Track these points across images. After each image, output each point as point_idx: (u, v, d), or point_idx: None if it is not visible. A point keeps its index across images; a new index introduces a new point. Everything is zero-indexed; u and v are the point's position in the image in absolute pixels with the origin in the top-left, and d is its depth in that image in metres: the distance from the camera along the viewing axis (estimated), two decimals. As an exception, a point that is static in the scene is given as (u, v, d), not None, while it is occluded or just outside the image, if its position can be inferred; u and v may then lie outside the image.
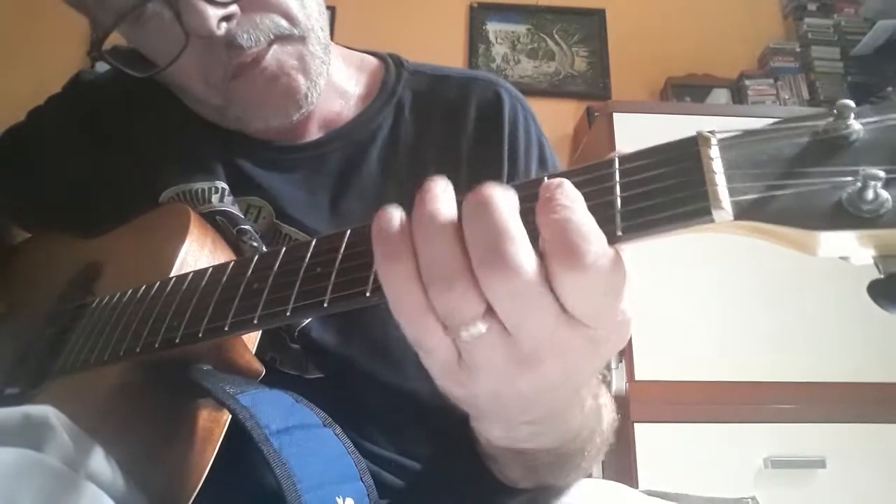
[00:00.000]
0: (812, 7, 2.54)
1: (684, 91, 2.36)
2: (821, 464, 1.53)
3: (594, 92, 2.43)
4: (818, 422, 1.58)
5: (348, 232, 0.39)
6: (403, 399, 0.61)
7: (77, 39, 2.26)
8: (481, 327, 0.31)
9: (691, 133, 0.32)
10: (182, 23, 0.56)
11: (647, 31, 2.52)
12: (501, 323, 0.31)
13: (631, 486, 0.56)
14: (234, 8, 0.57)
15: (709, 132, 0.31)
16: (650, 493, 0.57)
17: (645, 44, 2.50)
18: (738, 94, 2.39)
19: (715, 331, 1.64)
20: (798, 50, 2.47)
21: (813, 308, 1.66)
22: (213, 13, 0.56)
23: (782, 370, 1.61)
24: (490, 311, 0.31)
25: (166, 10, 0.57)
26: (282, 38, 0.60)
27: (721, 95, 2.34)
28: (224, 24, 0.57)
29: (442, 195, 0.33)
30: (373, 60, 0.77)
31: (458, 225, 0.31)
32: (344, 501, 0.42)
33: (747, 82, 2.37)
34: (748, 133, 0.30)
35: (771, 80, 2.39)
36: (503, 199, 0.31)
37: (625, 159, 0.33)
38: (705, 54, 2.46)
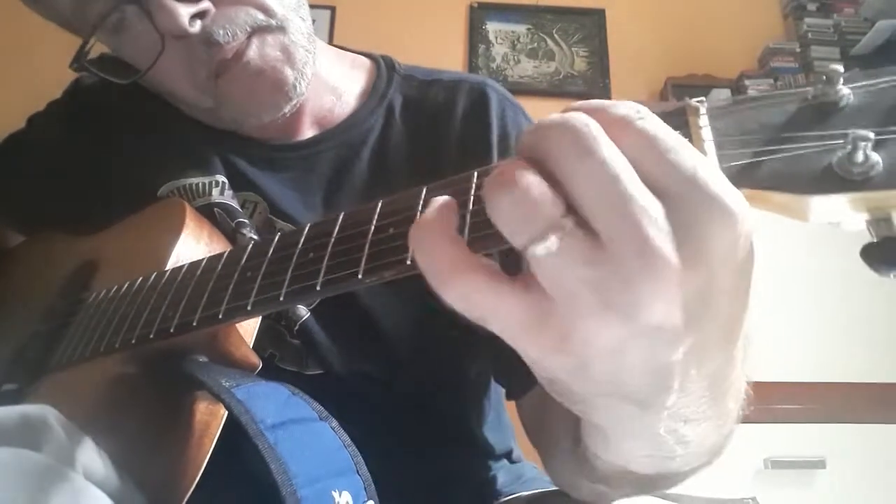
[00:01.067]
0: (812, 7, 2.54)
1: (684, 91, 2.36)
2: (821, 464, 1.52)
3: (594, 92, 2.43)
4: (818, 422, 1.58)
5: (341, 216, 0.39)
6: (402, 395, 0.61)
7: (74, 45, 2.27)
8: (554, 238, 0.24)
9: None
10: (155, 24, 0.56)
11: (647, 31, 2.52)
12: (594, 233, 0.24)
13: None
14: (205, 4, 0.57)
15: (697, 101, 0.30)
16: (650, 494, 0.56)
17: (645, 44, 2.50)
18: (739, 94, 2.38)
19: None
20: (798, 50, 2.47)
21: (813, 308, 1.66)
22: (185, 11, 0.56)
23: (782, 370, 1.61)
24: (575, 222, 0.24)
25: (139, 14, 0.57)
26: (260, 30, 0.60)
27: (721, 95, 2.34)
28: (198, 22, 0.57)
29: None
30: (365, 61, 0.77)
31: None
32: (340, 495, 0.42)
33: (747, 82, 2.37)
34: (737, 101, 0.30)
35: (771, 80, 2.38)
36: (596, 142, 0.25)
37: None
38: (705, 54, 2.46)
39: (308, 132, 0.70)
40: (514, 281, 0.25)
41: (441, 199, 0.27)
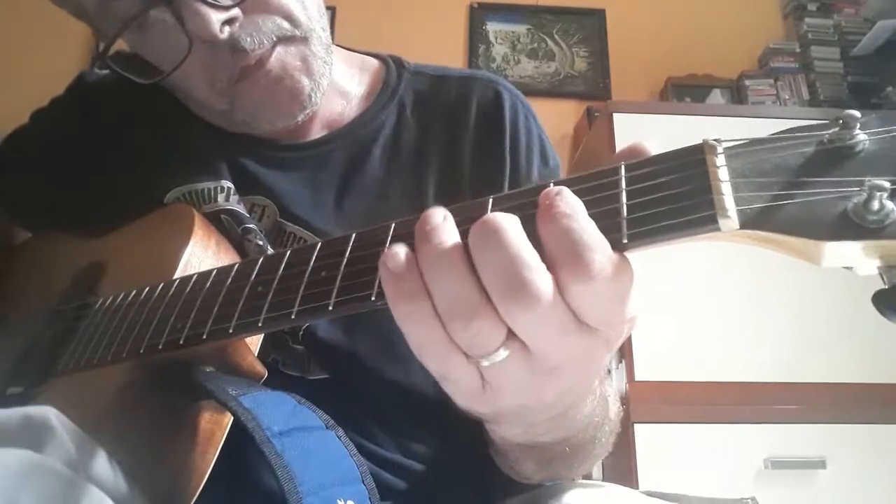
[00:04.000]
0: (812, 7, 2.54)
1: (684, 91, 2.36)
2: (821, 464, 1.53)
3: (594, 92, 2.43)
4: (818, 422, 1.58)
5: (353, 236, 0.39)
6: (407, 399, 0.61)
7: (76, 41, 2.26)
8: (503, 353, 0.32)
9: (693, 135, 0.32)
10: (185, 28, 0.56)
11: (647, 31, 2.52)
12: (523, 344, 0.32)
13: (631, 486, 0.56)
14: (235, 11, 0.57)
15: (714, 140, 0.31)
16: (650, 494, 0.57)
17: (645, 44, 2.50)
18: (739, 95, 2.39)
19: (715, 331, 1.64)
20: (798, 50, 2.47)
21: (813, 309, 1.66)
22: (216, 17, 0.56)
23: (782, 371, 1.61)
24: (511, 335, 0.32)
25: (169, 16, 0.57)
26: (284, 40, 0.61)
27: (721, 95, 2.34)
28: (227, 28, 0.57)
29: (442, 225, 0.32)
30: (374, 62, 0.77)
31: (467, 255, 0.31)
32: (346, 503, 0.42)
33: (747, 82, 2.37)
34: (754, 142, 0.31)
35: (771, 81, 2.39)
36: (511, 224, 0.31)
37: (630, 167, 0.33)
38: (705, 54, 2.46)
39: (317, 134, 0.70)
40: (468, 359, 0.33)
41: (399, 260, 0.32)
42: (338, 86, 0.71)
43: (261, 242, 0.62)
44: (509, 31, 2.53)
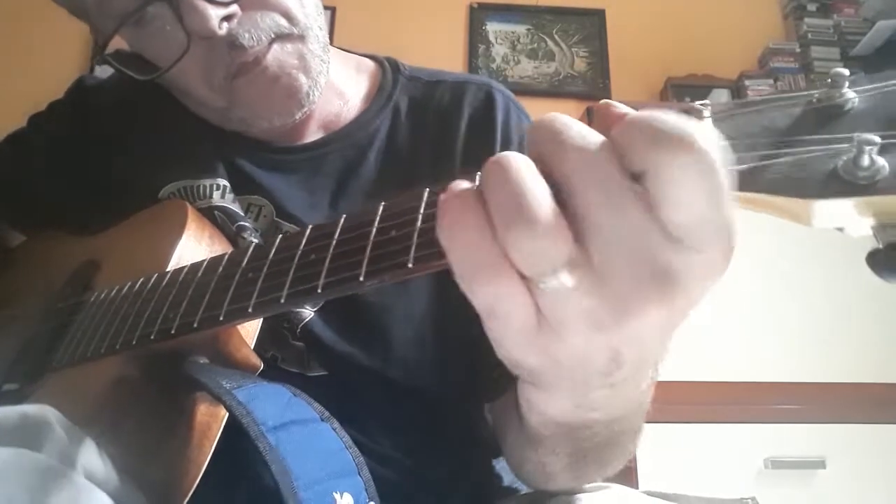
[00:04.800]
0: (812, 7, 2.54)
1: (684, 91, 2.36)
2: (821, 464, 1.53)
3: (594, 92, 2.43)
4: (818, 422, 1.58)
5: (343, 218, 0.39)
6: (406, 397, 0.61)
7: (74, 44, 2.26)
8: (567, 278, 0.26)
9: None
10: (183, 24, 0.56)
11: (647, 31, 2.52)
12: (592, 263, 0.27)
13: (631, 486, 0.56)
14: (234, 8, 0.58)
15: (701, 104, 0.30)
16: (650, 494, 0.56)
17: (645, 44, 2.50)
18: (738, 95, 2.38)
19: (715, 331, 1.64)
20: (798, 50, 2.47)
21: (813, 309, 1.66)
22: (215, 13, 0.56)
23: (782, 370, 1.61)
24: (579, 252, 0.27)
25: (167, 12, 0.57)
26: (282, 37, 0.61)
27: (721, 95, 2.34)
28: (225, 24, 0.57)
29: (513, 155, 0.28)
30: (370, 63, 0.77)
31: (535, 162, 0.28)
32: (342, 496, 0.42)
33: (747, 82, 2.37)
34: (741, 104, 0.30)
35: (771, 81, 2.38)
36: (572, 122, 0.28)
37: None
38: (705, 54, 2.46)
39: (314, 135, 0.70)
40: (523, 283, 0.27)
41: (462, 187, 0.28)
42: (335, 86, 0.71)
43: (255, 240, 0.62)
44: (509, 32, 2.53)
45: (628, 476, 1.49)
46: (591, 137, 0.27)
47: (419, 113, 0.72)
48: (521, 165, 0.27)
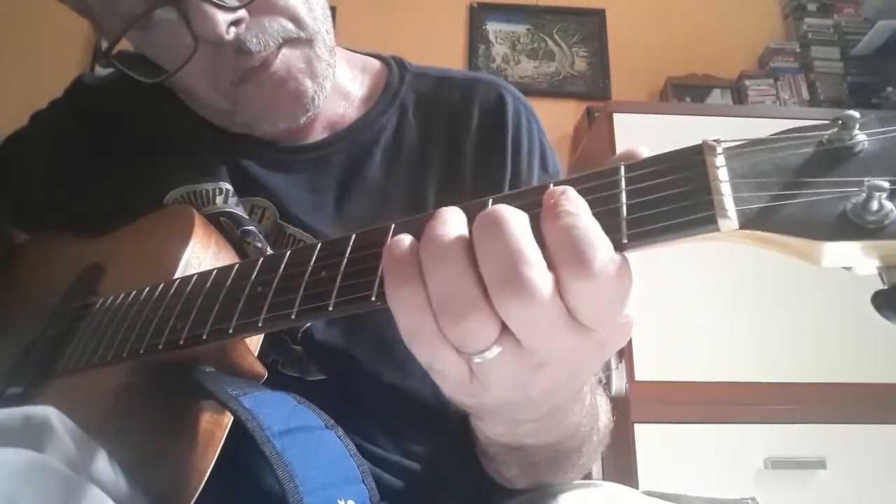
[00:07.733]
0: (812, 7, 2.54)
1: (684, 91, 2.36)
2: (821, 464, 1.53)
3: (594, 92, 2.43)
4: (818, 422, 1.58)
5: (353, 236, 0.39)
6: (406, 400, 0.61)
7: (75, 44, 2.26)
8: (496, 350, 0.31)
9: (693, 136, 0.32)
10: (191, 28, 0.56)
11: (647, 31, 2.52)
12: (515, 340, 0.32)
13: (631, 486, 0.56)
14: (242, 12, 0.57)
15: (714, 140, 0.31)
16: (650, 494, 0.57)
17: (645, 44, 2.50)
18: (738, 95, 2.39)
19: (715, 331, 1.64)
20: (798, 50, 2.47)
21: (813, 309, 1.66)
22: (223, 18, 0.56)
23: (782, 370, 1.61)
24: (504, 333, 0.31)
25: (175, 16, 0.57)
26: (290, 42, 0.61)
27: (721, 95, 2.34)
28: (233, 29, 0.57)
29: (452, 217, 0.33)
30: (376, 63, 0.77)
31: (469, 248, 0.31)
32: (346, 503, 0.42)
33: (747, 82, 2.37)
34: (753, 142, 0.30)
35: (771, 81, 2.39)
36: (515, 218, 0.31)
37: (630, 167, 0.33)
38: (705, 54, 2.46)
39: (319, 135, 0.70)
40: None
41: (402, 248, 0.32)
42: (340, 87, 0.71)
43: (260, 244, 0.62)
44: (509, 31, 2.53)
45: (628, 476, 1.50)
46: (512, 241, 0.30)
47: (427, 109, 0.72)
48: (459, 258, 0.31)
